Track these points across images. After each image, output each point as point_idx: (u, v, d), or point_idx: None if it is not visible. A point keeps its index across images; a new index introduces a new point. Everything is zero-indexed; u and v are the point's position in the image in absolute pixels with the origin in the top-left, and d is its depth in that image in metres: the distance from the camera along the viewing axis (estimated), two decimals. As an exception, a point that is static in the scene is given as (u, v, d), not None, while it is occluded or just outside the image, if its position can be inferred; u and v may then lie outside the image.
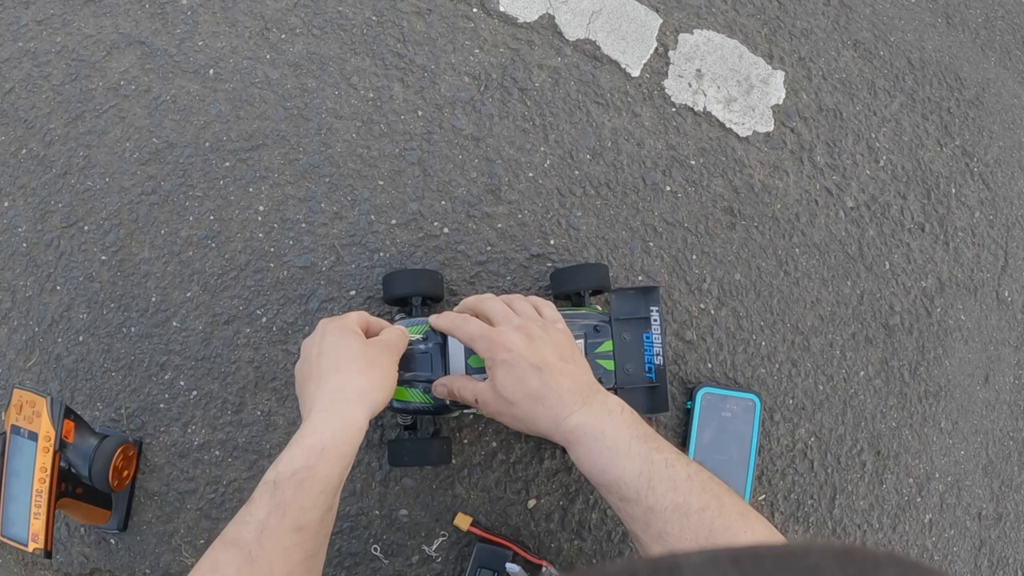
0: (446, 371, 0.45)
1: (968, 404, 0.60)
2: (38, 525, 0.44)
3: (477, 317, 0.42)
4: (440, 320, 0.43)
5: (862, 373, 0.57)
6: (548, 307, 0.43)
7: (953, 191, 0.64)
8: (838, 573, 0.15)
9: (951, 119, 0.65)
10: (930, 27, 0.68)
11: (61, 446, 0.45)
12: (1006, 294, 0.64)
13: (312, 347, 0.41)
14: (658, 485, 0.35)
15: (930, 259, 0.61)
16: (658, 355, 0.46)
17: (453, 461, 0.51)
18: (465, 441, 0.51)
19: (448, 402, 0.45)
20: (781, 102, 0.60)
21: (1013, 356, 0.63)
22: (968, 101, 0.67)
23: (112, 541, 0.53)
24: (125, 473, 0.49)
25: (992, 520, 0.61)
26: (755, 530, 0.34)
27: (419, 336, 0.45)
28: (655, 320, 0.46)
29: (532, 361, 0.38)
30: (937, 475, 0.59)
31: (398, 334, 0.44)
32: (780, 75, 0.61)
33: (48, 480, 0.44)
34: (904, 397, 0.58)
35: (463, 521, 0.49)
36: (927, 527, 0.58)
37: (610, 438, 0.37)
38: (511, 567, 0.47)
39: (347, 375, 0.39)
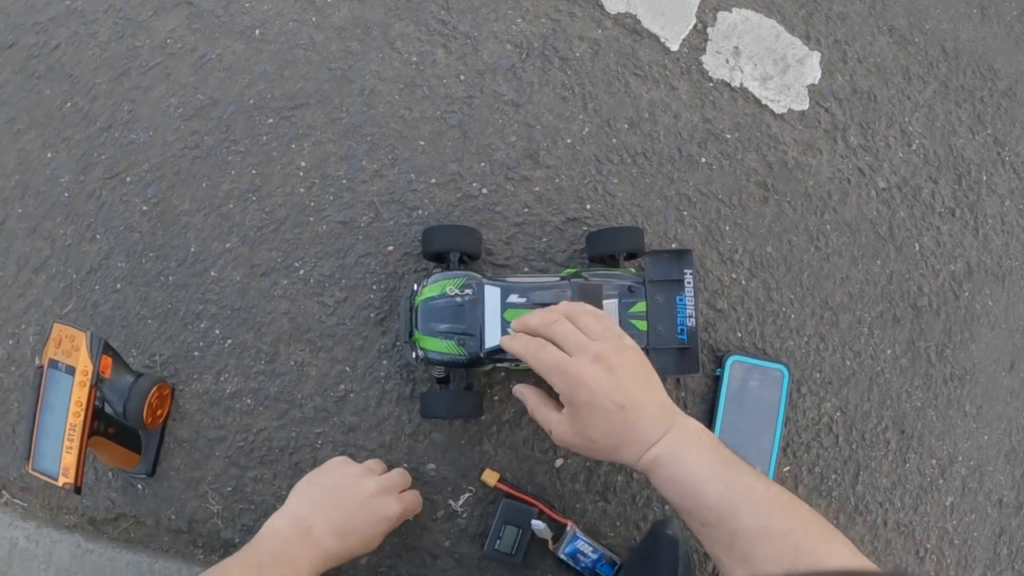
0: (482, 324, 0.47)
1: (993, 390, 0.62)
2: (69, 459, 0.45)
3: (548, 341, 0.41)
4: (513, 344, 0.42)
5: (889, 351, 0.59)
6: (607, 318, 0.42)
7: (984, 178, 0.66)
8: None
9: (984, 108, 0.68)
10: (965, 17, 0.70)
11: (98, 381, 0.46)
12: (1034, 283, 0.65)
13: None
14: (741, 508, 0.36)
15: (959, 244, 0.63)
16: (690, 317, 0.48)
17: (483, 417, 0.53)
18: (496, 398, 0.53)
19: (482, 354, 0.47)
20: (816, 82, 0.62)
21: (1040, 345, 0.65)
22: (1001, 92, 0.69)
23: (139, 486, 0.55)
24: (159, 412, 0.51)
25: (1013, 508, 0.63)
26: (841, 554, 0.35)
27: (456, 289, 0.47)
28: (688, 283, 0.49)
29: (616, 400, 0.38)
30: (960, 458, 0.60)
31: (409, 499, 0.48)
32: (816, 56, 0.63)
33: (83, 414, 0.45)
34: (929, 378, 0.60)
35: (491, 477, 0.51)
36: (948, 510, 0.60)
37: (691, 464, 0.38)
38: (536, 524, 0.49)
39: (345, 523, 0.43)
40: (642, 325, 0.48)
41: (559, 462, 0.53)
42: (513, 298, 0.47)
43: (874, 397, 0.58)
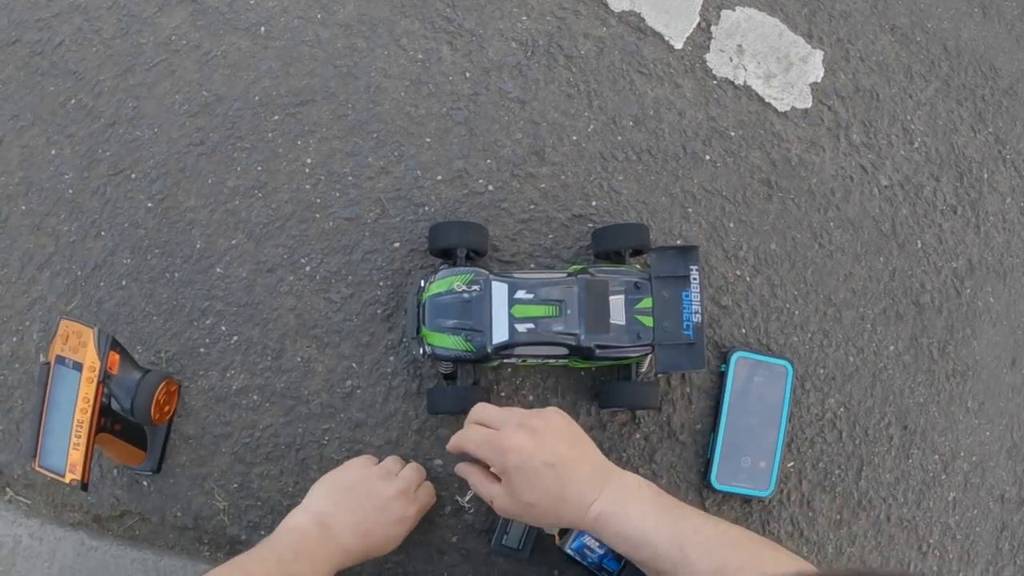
0: (490, 319, 0.48)
1: (995, 386, 0.63)
2: (77, 456, 0.46)
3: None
4: (452, 443, 0.45)
5: (892, 348, 0.60)
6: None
7: (985, 176, 0.67)
8: None
9: (985, 107, 0.69)
10: (966, 16, 0.71)
11: (105, 377, 0.46)
12: (1035, 280, 0.66)
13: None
14: (691, 552, 0.37)
15: (961, 241, 0.64)
16: (696, 313, 0.49)
17: (489, 413, 0.53)
18: (503, 395, 0.54)
19: (489, 350, 0.47)
20: (819, 80, 0.63)
21: (1041, 342, 0.66)
22: (1003, 90, 0.70)
23: (144, 483, 0.55)
24: (167, 408, 0.52)
25: (1015, 504, 0.63)
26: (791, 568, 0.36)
27: (463, 285, 0.48)
28: (694, 279, 0.49)
29: (544, 460, 0.40)
30: (962, 454, 0.61)
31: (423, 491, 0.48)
32: (819, 54, 0.64)
33: (90, 411, 0.46)
34: (932, 374, 0.61)
35: None
36: (951, 505, 0.61)
37: (635, 517, 0.39)
38: None
39: (362, 524, 0.44)
40: (648, 321, 0.49)
41: (565, 457, 0.54)
42: (520, 294, 0.48)
43: (877, 393, 0.59)
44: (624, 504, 0.40)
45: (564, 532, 0.50)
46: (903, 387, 0.60)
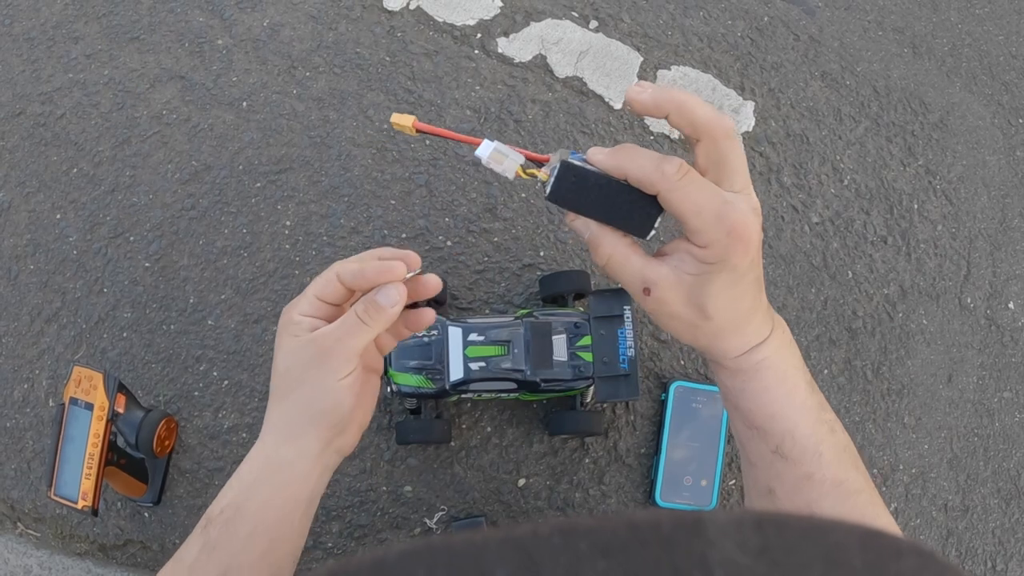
0: (447, 360, 0.59)
1: (931, 402, 0.74)
2: (88, 485, 0.57)
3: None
4: (618, 156, 0.31)
5: (826, 371, 0.71)
6: None
7: (916, 207, 0.78)
8: (857, 554, 0.15)
9: (915, 141, 0.80)
10: (896, 57, 0.84)
11: (113, 415, 0.59)
12: (968, 301, 0.78)
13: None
14: (826, 452, 0.33)
15: (892, 268, 0.75)
16: (630, 348, 0.61)
17: (452, 443, 0.65)
18: (464, 426, 0.66)
19: (448, 387, 0.59)
20: (751, 129, 0.76)
21: (976, 358, 0.77)
22: (932, 124, 0.82)
23: (146, 514, 0.67)
24: (167, 442, 0.64)
25: (959, 512, 0.74)
26: (894, 526, 0.35)
27: (424, 331, 0.60)
28: (628, 317, 0.61)
29: (757, 272, 0.32)
30: (902, 467, 0.72)
31: (372, 305, 0.35)
32: (750, 105, 0.76)
33: (100, 445, 0.57)
34: (867, 394, 0.72)
35: (403, 120, 0.39)
36: (893, 515, 0.71)
37: (791, 382, 0.34)
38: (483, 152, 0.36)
39: (287, 392, 0.37)
40: (588, 356, 0.60)
41: (521, 481, 0.65)
42: (473, 336, 0.60)
43: (813, 414, 0.70)
44: (786, 361, 0.34)
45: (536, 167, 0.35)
46: (838, 407, 0.71)
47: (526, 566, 0.15)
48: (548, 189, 0.34)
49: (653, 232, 0.34)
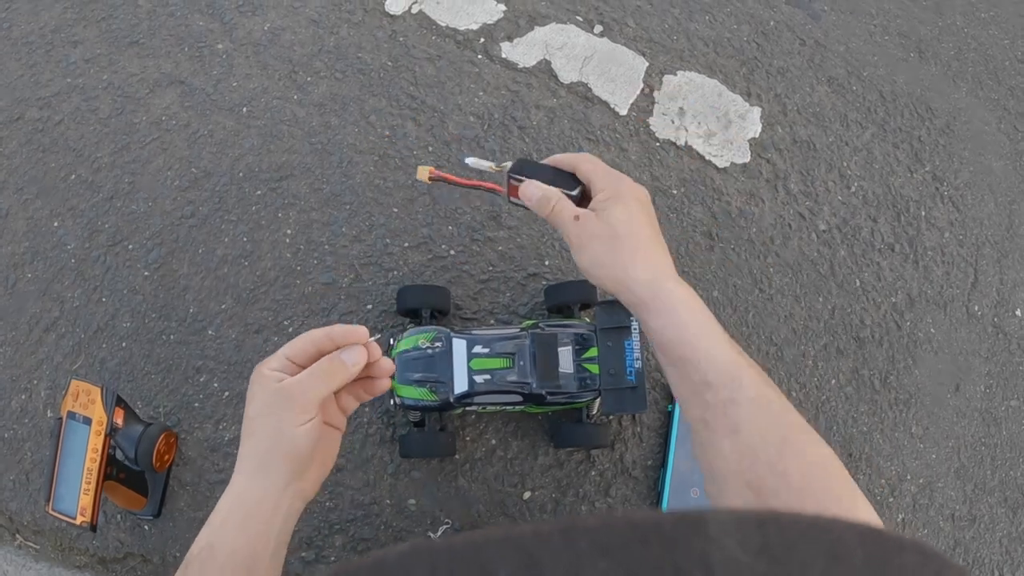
0: (451, 372, 0.59)
1: (939, 411, 0.74)
2: (86, 500, 0.56)
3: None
4: (561, 156, 0.49)
5: (833, 381, 0.71)
6: None
7: (923, 214, 0.78)
8: (859, 551, 0.15)
9: (921, 147, 0.80)
10: (902, 62, 0.83)
11: (112, 430, 0.57)
12: (976, 309, 0.77)
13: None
14: (745, 376, 0.37)
15: (900, 276, 0.75)
16: (637, 359, 0.60)
17: (456, 456, 0.64)
18: (468, 438, 0.65)
19: (452, 399, 0.59)
20: (757, 135, 0.75)
21: (983, 367, 0.76)
22: (939, 129, 0.81)
23: (146, 527, 0.66)
24: (166, 457, 0.63)
25: (966, 521, 0.73)
26: (823, 455, 0.37)
27: (427, 342, 0.59)
28: (635, 329, 0.60)
29: (655, 226, 0.44)
30: (909, 477, 0.71)
31: (323, 368, 0.43)
32: (757, 111, 0.76)
33: (99, 460, 0.56)
34: (875, 404, 0.71)
35: (422, 173, 0.53)
36: (900, 526, 0.71)
37: (706, 319, 0.40)
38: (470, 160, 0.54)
39: (254, 432, 0.42)
40: (594, 368, 0.60)
41: (527, 495, 0.65)
42: (478, 348, 0.59)
43: (820, 424, 0.70)
44: (700, 305, 0.41)
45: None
46: (846, 417, 0.71)
47: (527, 565, 0.15)
48: (510, 165, 0.52)
49: (577, 189, 0.50)
